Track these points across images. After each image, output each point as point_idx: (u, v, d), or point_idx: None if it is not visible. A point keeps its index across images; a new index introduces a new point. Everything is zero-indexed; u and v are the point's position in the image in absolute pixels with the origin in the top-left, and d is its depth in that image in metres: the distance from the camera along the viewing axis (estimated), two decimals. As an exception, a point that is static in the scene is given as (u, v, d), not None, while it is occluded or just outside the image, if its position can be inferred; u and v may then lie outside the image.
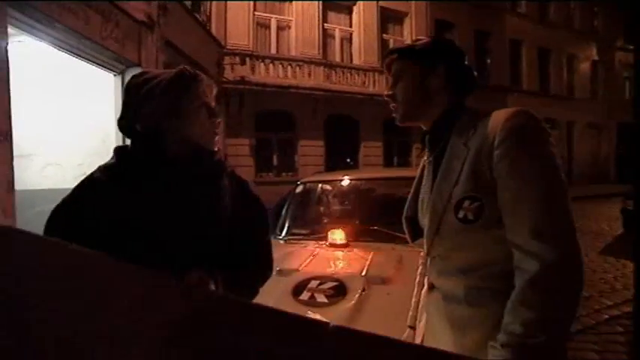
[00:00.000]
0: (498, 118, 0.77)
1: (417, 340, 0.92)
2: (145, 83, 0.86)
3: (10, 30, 3.22)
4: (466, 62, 0.89)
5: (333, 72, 11.25)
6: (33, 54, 4.05)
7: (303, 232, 2.41)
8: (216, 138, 0.95)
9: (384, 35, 12.45)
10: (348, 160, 11.84)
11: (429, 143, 0.90)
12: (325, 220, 2.59)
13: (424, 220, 0.88)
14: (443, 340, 0.82)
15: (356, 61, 11.93)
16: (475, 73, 0.90)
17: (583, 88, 17.75)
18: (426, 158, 0.94)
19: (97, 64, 4.63)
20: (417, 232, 0.94)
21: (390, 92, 0.91)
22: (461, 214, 0.76)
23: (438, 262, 0.84)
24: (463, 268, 0.79)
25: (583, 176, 16.15)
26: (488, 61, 14.64)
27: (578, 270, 0.69)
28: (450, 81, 0.86)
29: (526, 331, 0.66)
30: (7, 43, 3.16)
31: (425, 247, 0.86)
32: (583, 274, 0.69)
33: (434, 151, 0.88)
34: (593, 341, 2.72)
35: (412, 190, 1.00)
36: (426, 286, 0.90)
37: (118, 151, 0.90)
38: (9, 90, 3.03)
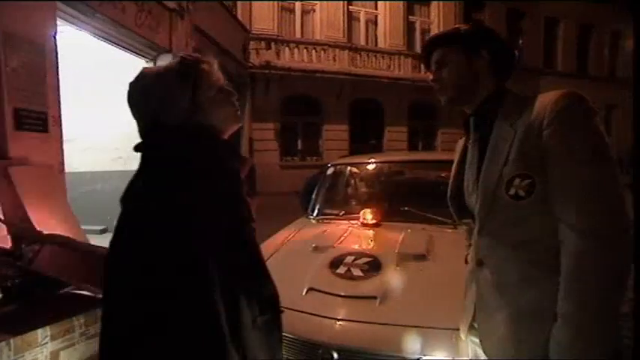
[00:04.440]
0: (547, 99, 0.80)
1: (467, 317, 0.94)
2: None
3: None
4: (507, 46, 0.93)
5: (358, 55, 11.09)
6: (72, 43, 4.25)
7: (335, 212, 2.47)
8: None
9: (410, 17, 12.09)
10: (373, 141, 11.73)
11: (474, 126, 0.93)
12: (356, 201, 2.64)
13: (470, 200, 0.92)
14: (497, 318, 0.84)
15: (381, 44, 11.69)
16: (516, 55, 0.94)
17: (629, 67, 16.48)
18: (468, 140, 0.97)
19: (132, 51, 4.81)
20: (462, 212, 0.97)
21: (435, 78, 0.94)
22: (512, 192, 0.79)
23: (489, 239, 0.86)
24: (515, 243, 0.82)
25: (624, 165, 15.21)
26: (521, 41, 13.92)
27: (624, 247, 0.71)
28: (493, 64, 0.90)
29: (576, 308, 0.71)
30: (56, 33, 3.34)
31: (476, 225, 0.89)
32: (630, 253, 0.72)
33: (479, 133, 0.91)
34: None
35: (453, 171, 1.03)
36: (472, 263, 0.92)
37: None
38: (58, 79, 3.23)
